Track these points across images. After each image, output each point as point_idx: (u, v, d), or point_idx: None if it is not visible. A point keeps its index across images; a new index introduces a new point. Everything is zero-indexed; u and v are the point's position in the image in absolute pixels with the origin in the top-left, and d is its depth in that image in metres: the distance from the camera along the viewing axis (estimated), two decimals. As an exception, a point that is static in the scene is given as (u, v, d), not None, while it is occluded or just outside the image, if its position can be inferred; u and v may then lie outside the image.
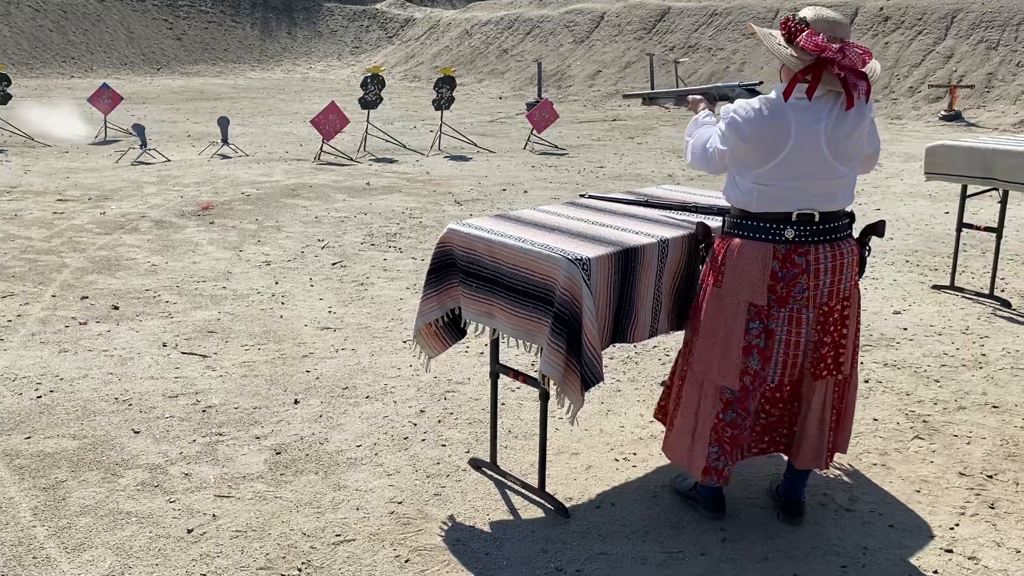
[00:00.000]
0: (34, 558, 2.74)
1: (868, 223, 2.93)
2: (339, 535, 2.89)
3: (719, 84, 3.26)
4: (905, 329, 4.93)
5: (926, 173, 5.52)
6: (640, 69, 20.29)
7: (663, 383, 4.13)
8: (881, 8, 18.81)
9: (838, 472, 3.34)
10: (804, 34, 2.60)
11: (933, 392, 4.08)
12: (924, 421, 3.78)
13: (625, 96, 3.75)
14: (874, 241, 6.77)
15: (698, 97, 3.26)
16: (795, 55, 2.61)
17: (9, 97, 11.84)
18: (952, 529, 2.98)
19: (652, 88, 18.25)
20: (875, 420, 3.78)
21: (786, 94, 2.61)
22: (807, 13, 2.63)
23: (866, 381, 4.18)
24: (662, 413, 3.18)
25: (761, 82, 3.10)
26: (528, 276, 2.82)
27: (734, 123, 2.68)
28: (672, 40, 21.29)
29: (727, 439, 2.84)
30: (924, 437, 3.64)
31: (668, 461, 3.40)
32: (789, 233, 2.68)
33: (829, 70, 2.57)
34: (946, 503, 3.14)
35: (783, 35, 2.68)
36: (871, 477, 3.32)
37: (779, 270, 2.70)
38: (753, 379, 2.79)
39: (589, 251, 2.79)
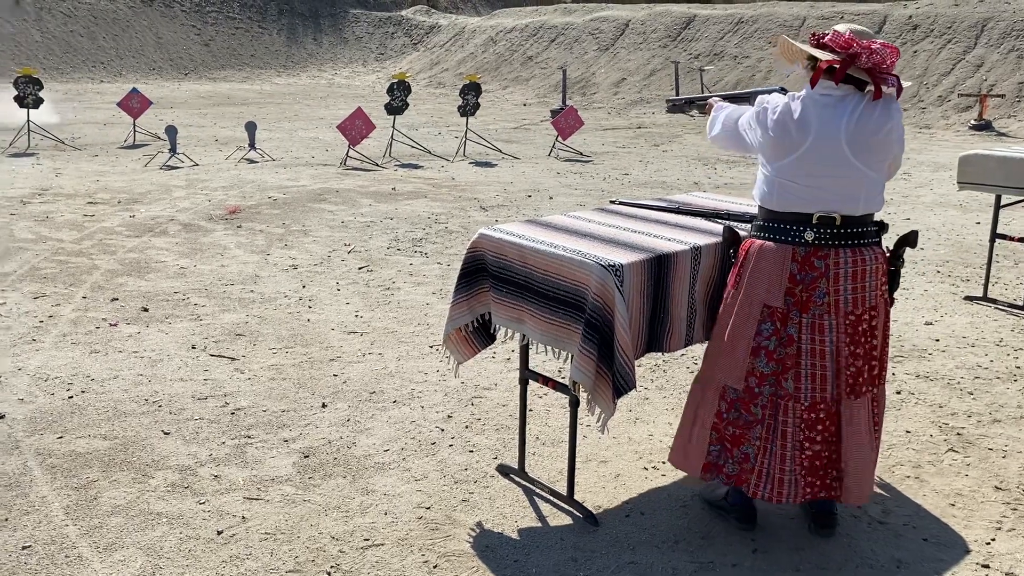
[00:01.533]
0: (66, 557, 2.76)
1: (900, 235, 2.89)
2: (367, 539, 2.89)
3: (757, 88, 3.27)
4: (937, 340, 4.86)
5: (958, 182, 5.45)
6: (665, 77, 20.24)
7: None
8: (910, 16, 18.66)
9: (871, 484, 3.29)
10: (830, 33, 2.69)
11: (967, 404, 4.02)
12: (958, 434, 3.73)
13: (668, 100, 3.79)
14: (906, 252, 6.71)
15: (715, 99, 3.31)
16: (824, 52, 2.66)
17: (41, 101, 11.99)
18: (988, 544, 2.93)
19: (677, 95, 18.18)
20: (908, 432, 3.73)
21: (813, 81, 2.66)
22: (837, 27, 2.71)
23: (898, 392, 4.13)
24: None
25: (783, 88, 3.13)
26: (560, 282, 2.81)
27: (760, 114, 2.76)
28: (697, 48, 21.22)
29: (728, 437, 2.83)
30: (958, 450, 3.58)
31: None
32: (808, 235, 2.69)
33: (857, 63, 2.60)
34: (982, 517, 3.09)
35: (811, 43, 2.75)
36: (904, 490, 3.27)
37: (797, 272, 2.70)
38: (760, 381, 2.76)
39: (622, 257, 2.77)
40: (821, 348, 2.71)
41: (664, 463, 3.45)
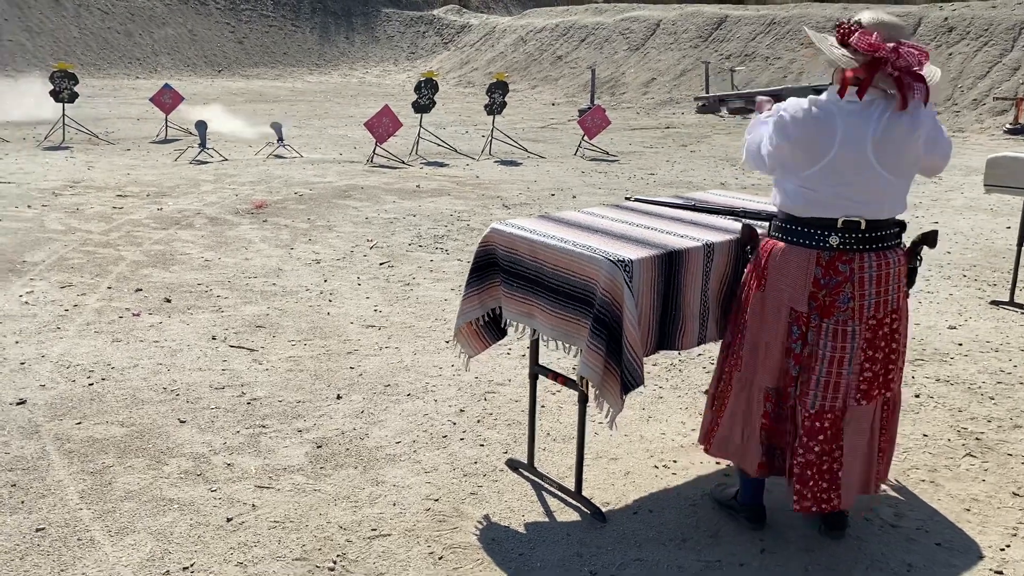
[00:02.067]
0: (79, 540, 2.80)
1: (920, 233, 2.85)
2: (375, 530, 2.91)
3: (791, 86, 3.19)
4: (960, 344, 4.79)
5: (985, 185, 5.37)
6: (695, 77, 20.12)
7: (706, 391, 4.08)
8: (946, 18, 18.38)
9: (885, 487, 3.25)
10: (856, 34, 2.56)
11: (987, 409, 3.96)
12: (977, 439, 3.67)
13: (697, 99, 3.70)
14: (931, 254, 6.63)
15: (765, 99, 3.18)
16: (848, 55, 2.56)
17: (76, 96, 12.20)
18: (1003, 550, 2.88)
19: (707, 95, 18.04)
20: (925, 436, 3.68)
21: (841, 92, 2.56)
22: (863, 16, 2.60)
23: (917, 396, 4.07)
24: (707, 440, 3.03)
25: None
26: (569, 277, 2.80)
27: (780, 122, 2.64)
28: (729, 48, 21.08)
29: (777, 434, 2.80)
30: (976, 455, 3.53)
31: (709, 471, 3.37)
32: (834, 240, 2.64)
33: (883, 70, 2.52)
34: (997, 523, 3.04)
35: (837, 38, 2.65)
36: (919, 494, 3.23)
37: (821, 277, 2.65)
38: (790, 382, 2.74)
39: (632, 253, 2.76)
40: (841, 356, 2.67)
41: (675, 461, 3.44)
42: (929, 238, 2.83)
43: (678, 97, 19.80)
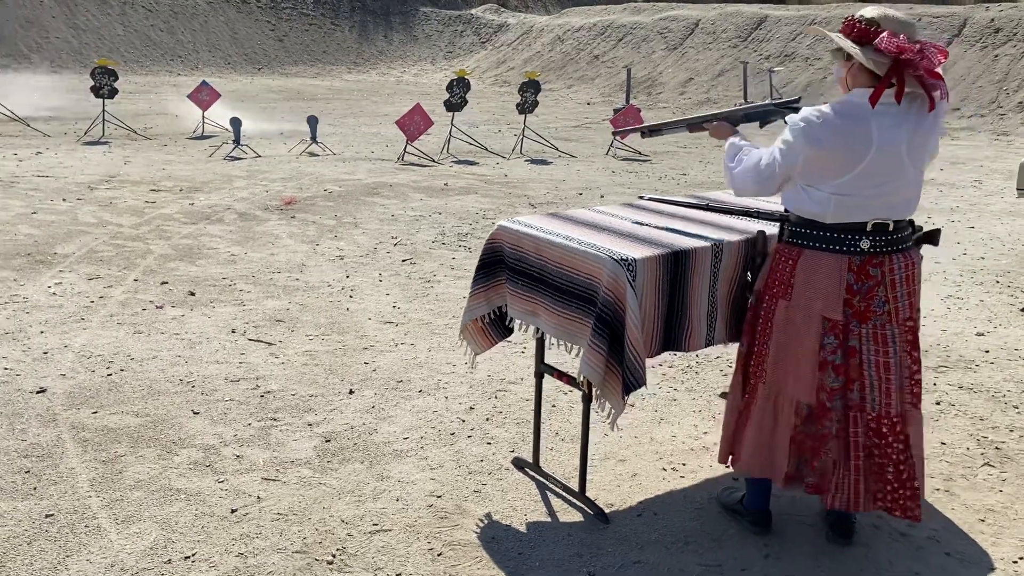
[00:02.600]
0: (86, 527, 2.85)
1: (923, 232, 2.79)
2: (376, 524, 2.92)
3: (748, 105, 3.11)
4: (987, 352, 4.67)
5: (1018, 189, 5.25)
6: (733, 78, 19.91)
7: (722, 394, 4.03)
8: (992, 19, 17.97)
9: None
10: (884, 35, 2.48)
11: (1010, 419, 3.86)
12: (997, 448, 3.58)
13: (614, 133, 3.63)
14: (964, 260, 6.49)
15: (719, 123, 3.04)
16: (872, 57, 2.51)
17: (116, 92, 12.42)
18: (1016, 563, 2.80)
19: (745, 98, 17.83)
20: (943, 444, 3.60)
21: (873, 99, 2.47)
22: (872, 13, 2.53)
23: (937, 403, 3.98)
24: (726, 458, 2.96)
25: (799, 98, 2.95)
26: (573, 275, 2.79)
27: (807, 132, 2.54)
28: (768, 49, 20.82)
29: (808, 450, 2.73)
30: (995, 464, 3.44)
31: (717, 474, 3.33)
32: (864, 244, 2.59)
33: (908, 72, 2.47)
34: (1012, 535, 2.96)
35: (851, 38, 2.57)
36: (932, 502, 3.15)
37: (855, 283, 2.60)
38: (830, 396, 2.67)
39: (636, 252, 2.74)
40: (886, 360, 2.62)
41: (684, 464, 3.40)
42: (932, 237, 2.77)
43: (716, 97, 19.61)
